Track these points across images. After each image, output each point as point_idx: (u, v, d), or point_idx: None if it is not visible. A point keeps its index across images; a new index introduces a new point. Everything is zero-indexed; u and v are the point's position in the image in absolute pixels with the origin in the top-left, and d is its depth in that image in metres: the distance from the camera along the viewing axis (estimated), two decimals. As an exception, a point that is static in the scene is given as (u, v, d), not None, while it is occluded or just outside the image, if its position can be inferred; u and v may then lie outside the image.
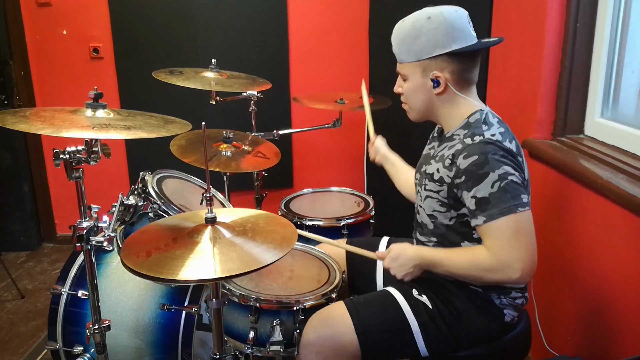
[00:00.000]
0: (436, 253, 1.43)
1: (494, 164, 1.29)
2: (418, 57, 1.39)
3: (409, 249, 1.47)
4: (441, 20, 1.35)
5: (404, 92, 1.47)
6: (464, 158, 1.32)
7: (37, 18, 3.01)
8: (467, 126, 1.39)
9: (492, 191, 1.28)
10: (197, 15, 2.97)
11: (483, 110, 1.41)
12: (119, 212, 1.41)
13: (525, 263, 1.28)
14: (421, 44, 1.37)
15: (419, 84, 1.42)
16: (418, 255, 1.45)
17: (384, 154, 1.82)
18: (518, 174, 1.31)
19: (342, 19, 3.08)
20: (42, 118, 1.23)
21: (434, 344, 1.41)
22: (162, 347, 1.55)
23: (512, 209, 1.27)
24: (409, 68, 1.42)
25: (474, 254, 1.35)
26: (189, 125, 1.39)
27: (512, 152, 1.33)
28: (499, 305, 1.43)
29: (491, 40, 1.46)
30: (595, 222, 1.68)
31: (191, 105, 2.60)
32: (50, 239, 3.37)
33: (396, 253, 1.47)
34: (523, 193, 1.30)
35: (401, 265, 1.46)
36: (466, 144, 1.34)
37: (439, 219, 1.44)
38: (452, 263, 1.38)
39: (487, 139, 1.32)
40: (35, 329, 2.43)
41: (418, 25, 1.36)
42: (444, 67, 1.38)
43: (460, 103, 1.42)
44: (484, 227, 1.30)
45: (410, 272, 1.45)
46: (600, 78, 1.85)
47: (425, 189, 1.45)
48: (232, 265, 1.08)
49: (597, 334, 1.68)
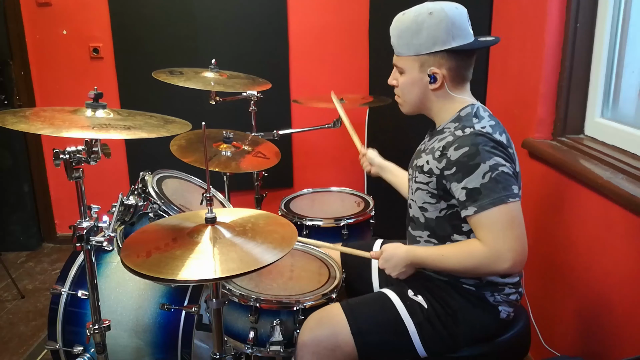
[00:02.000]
0: (428, 250, 1.44)
1: (485, 155, 1.30)
2: (417, 51, 1.39)
3: (400, 249, 1.48)
4: (442, 16, 1.35)
5: (399, 86, 1.48)
6: (455, 150, 1.33)
7: (37, 18, 3.01)
8: (458, 119, 1.40)
9: (484, 182, 1.29)
10: (197, 15, 2.98)
11: (474, 104, 1.42)
12: (119, 212, 1.41)
13: (517, 252, 1.29)
14: (421, 39, 1.37)
15: (415, 78, 1.43)
16: (410, 254, 1.46)
17: (380, 164, 1.83)
18: (509, 165, 1.32)
19: (342, 19, 3.08)
20: (42, 118, 1.23)
21: (431, 343, 1.41)
22: (162, 347, 1.55)
23: (503, 199, 1.28)
24: (407, 62, 1.43)
25: (467, 247, 1.36)
26: (189, 125, 1.39)
27: (503, 144, 1.34)
28: (493, 302, 1.43)
29: (489, 40, 1.47)
30: (595, 222, 1.68)
31: (191, 105, 2.60)
32: (50, 239, 3.37)
33: (389, 254, 1.48)
34: (514, 184, 1.31)
35: (394, 265, 1.47)
36: (457, 135, 1.35)
37: (430, 211, 1.45)
38: (445, 258, 1.38)
39: (477, 130, 1.33)
40: (35, 329, 2.43)
41: (419, 19, 1.37)
42: (441, 64, 1.39)
43: (454, 99, 1.43)
44: (475, 217, 1.31)
45: (403, 271, 1.47)
46: (600, 78, 1.85)
47: (415, 181, 1.47)
48: (232, 265, 1.08)
49: (597, 334, 1.68)
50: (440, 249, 1.42)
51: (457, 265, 1.38)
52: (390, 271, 1.48)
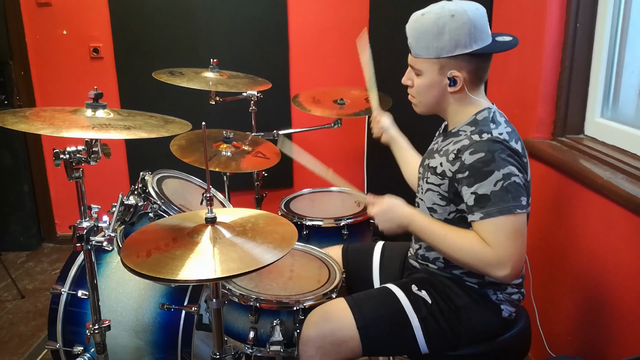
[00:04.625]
0: (431, 224, 1.39)
1: (500, 163, 1.28)
2: (438, 54, 1.35)
3: (401, 207, 1.43)
4: (465, 19, 1.32)
5: (414, 87, 1.44)
6: (470, 154, 1.31)
7: (37, 18, 3.01)
8: (474, 123, 1.38)
9: (494, 189, 1.28)
10: (197, 15, 2.98)
11: (491, 108, 1.40)
12: (119, 212, 1.41)
13: (515, 262, 1.28)
14: (443, 42, 1.33)
15: (434, 81, 1.39)
16: (411, 217, 1.41)
17: (393, 136, 1.75)
18: (522, 175, 1.31)
19: (342, 19, 3.08)
20: (42, 118, 1.23)
21: (434, 339, 1.41)
22: (162, 347, 1.55)
23: (511, 209, 1.27)
24: (426, 64, 1.39)
25: (470, 240, 1.31)
26: (189, 125, 1.39)
27: (518, 153, 1.33)
28: (496, 301, 1.43)
29: (507, 42, 1.42)
30: (595, 222, 1.68)
31: (191, 105, 2.61)
32: (50, 239, 3.37)
33: (388, 205, 1.44)
34: (523, 195, 1.30)
35: (388, 219, 1.43)
36: (473, 140, 1.33)
37: (438, 213, 1.44)
38: (445, 240, 1.35)
39: (494, 137, 1.32)
40: (35, 329, 2.43)
41: (441, 22, 1.32)
42: (462, 67, 1.36)
43: (471, 101, 1.41)
44: (480, 223, 1.30)
45: (392, 228, 1.42)
46: (600, 78, 1.85)
47: (427, 182, 1.45)
48: (232, 265, 1.08)
49: (597, 334, 1.68)
50: (444, 229, 1.37)
51: (452, 252, 1.35)
52: (381, 223, 1.43)
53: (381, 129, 1.77)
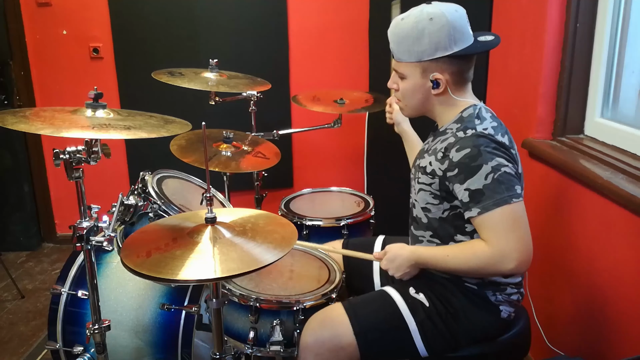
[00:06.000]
0: (432, 251, 1.43)
1: (486, 157, 1.29)
2: (419, 58, 1.38)
3: (405, 249, 1.48)
4: (444, 22, 1.33)
5: (399, 90, 1.47)
6: (457, 151, 1.33)
7: (37, 18, 3.01)
8: (460, 120, 1.40)
9: (486, 183, 1.29)
10: (197, 15, 2.98)
11: (477, 105, 1.41)
12: (119, 212, 1.41)
13: (522, 252, 1.28)
14: (423, 46, 1.36)
15: (417, 84, 1.42)
16: (415, 255, 1.45)
17: (405, 129, 1.76)
18: (511, 165, 1.32)
19: (342, 19, 3.08)
20: (42, 118, 1.23)
21: (432, 342, 1.41)
22: (162, 347, 1.55)
23: (507, 199, 1.28)
24: (408, 68, 1.41)
25: (471, 247, 1.35)
26: (189, 125, 1.39)
27: (505, 145, 1.34)
28: (495, 302, 1.43)
29: (489, 42, 1.44)
30: (595, 222, 1.68)
31: (191, 105, 2.60)
32: (50, 239, 3.37)
33: (393, 254, 1.48)
34: (517, 184, 1.31)
35: (398, 266, 1.47)
36: (458, 137, 1.35)
37: (433, 212, 1.44)
38: (450, 259, 1.38)
39: (479, 132, 1.33)
40: (35, 329, 2.43)
41: (420, 26, 1.34)
42: (444, 69, 1.38)
43: (456, 101, 1.43)
44: (479, 219, 1.30)
45: (407, 272, 1.47)
46: (600, 78, 1.85)
47: (418, 182, 1.46)
48: (232, 265, 1.08)
49: (597, 334, 1.68)
50: (445, 250, 1.41)
51: (461, 266, 1.37)
52: (394, 272, 1.48)
53: (395, 120, 1.77)
